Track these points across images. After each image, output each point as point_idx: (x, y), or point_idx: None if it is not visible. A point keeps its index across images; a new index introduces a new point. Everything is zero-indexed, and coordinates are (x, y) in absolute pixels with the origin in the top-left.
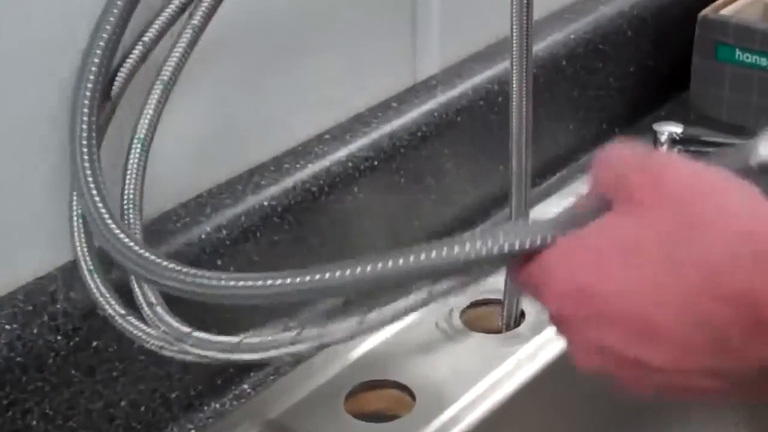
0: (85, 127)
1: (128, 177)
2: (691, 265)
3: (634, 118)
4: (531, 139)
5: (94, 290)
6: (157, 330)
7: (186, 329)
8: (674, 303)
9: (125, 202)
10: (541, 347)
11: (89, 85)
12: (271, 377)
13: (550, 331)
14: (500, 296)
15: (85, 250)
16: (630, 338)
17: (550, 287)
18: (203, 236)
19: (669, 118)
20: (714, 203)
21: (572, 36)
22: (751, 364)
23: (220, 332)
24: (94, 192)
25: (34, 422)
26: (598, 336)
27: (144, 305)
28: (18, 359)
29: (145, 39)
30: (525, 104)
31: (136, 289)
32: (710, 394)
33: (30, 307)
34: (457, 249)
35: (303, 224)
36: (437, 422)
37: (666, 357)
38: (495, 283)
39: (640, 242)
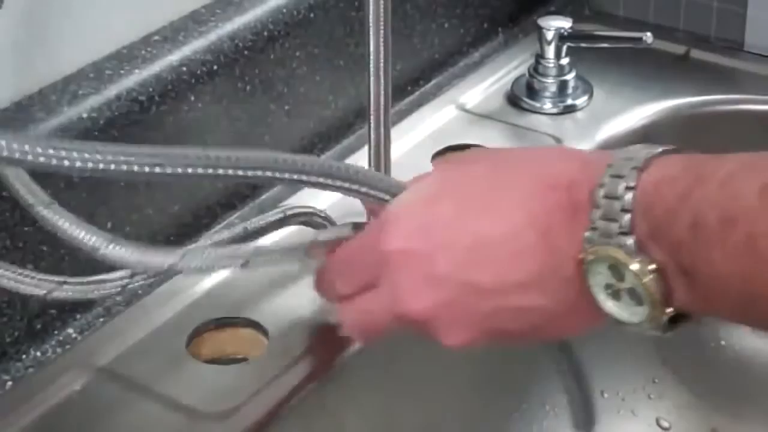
0: None
1: None
2: (517, 174)
3: (519, 14)
4: (390, 41)
5: None
6: None
7: None
8: (504, 213)
9: None
10: None
11: None
12: (101, 319)
13: None
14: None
15: None
16: (462, 262)
17: (398, 226)
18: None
19: (560, 13)
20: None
21: None
22: (565, 255)
23: None
24: None
25: None
26: (431, 268)
27: None
28: None
29: None
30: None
31: None
32: (537, 319)
33: None
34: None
35: (130, 139)
36: (292, 363)
37: (497, 272)
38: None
39: (468, 178)
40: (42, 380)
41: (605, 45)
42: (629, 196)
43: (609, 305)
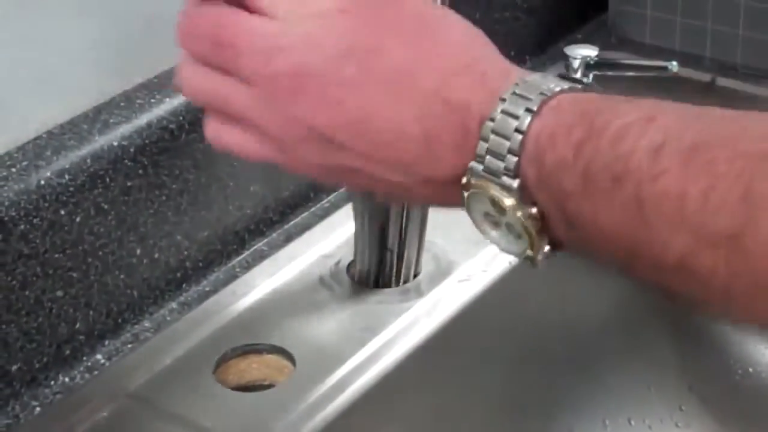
0: None
1: None
2: (429, 70)
3: (546, 43)
4: None
5: None
6: None
7: None
8: (400, 103)
9: None
10: (439, 302)
11: None
12: (129, 345)
13: (450, 283)
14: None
15: None
16: (345, 119)
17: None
18: (42, 182)
19: (587, 41)
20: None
21: None
22: (445, 168)
23: None
24: None
25: None
26: (320, 101)
27: None
28: None
29: None
30: None
31: None
32: (396, 191)
33: None
34: None
35: (160, 167)
36: (319, 391)
37: (371, 142)
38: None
39: (385, 45)
40: (70, 406)
41: (631, 73)
42: (518, 138)
43: (486, 229)
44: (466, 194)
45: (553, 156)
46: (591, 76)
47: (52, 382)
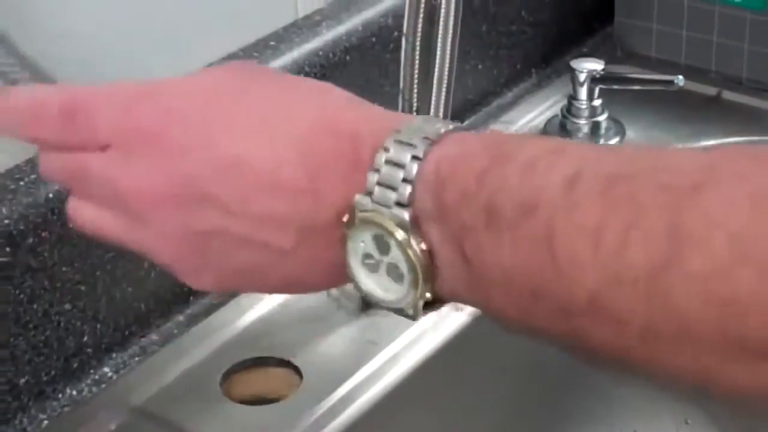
0: None
1: None
2: (311, 106)
3: (552, 56)
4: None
5: None
6: None
7: None
8: (275, 142)
9: None
10: (445, 316)
11: None
12: (136, 358)
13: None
14: None
15: None
16: (212, 172)
17: (160, 102)
18: (51, 195)
19: (592, 55)
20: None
21: None
22: (328, 207)
23: None
24: None
25: None
26: (178, 162)
27: None
28: None
29: None
30: (451, 38)
31: None
32: (271, 259)
33: None
34: None
35: None
36: (325, 405)
37: (244, 196)
38: None
39: (256, 91)
40: (78, 419)
41: (637, 87)
42: (414, 166)
43: (362, 276)
44: (347, 233)
45: (452, 185)
46: (597, 89)
47: (60, 395)
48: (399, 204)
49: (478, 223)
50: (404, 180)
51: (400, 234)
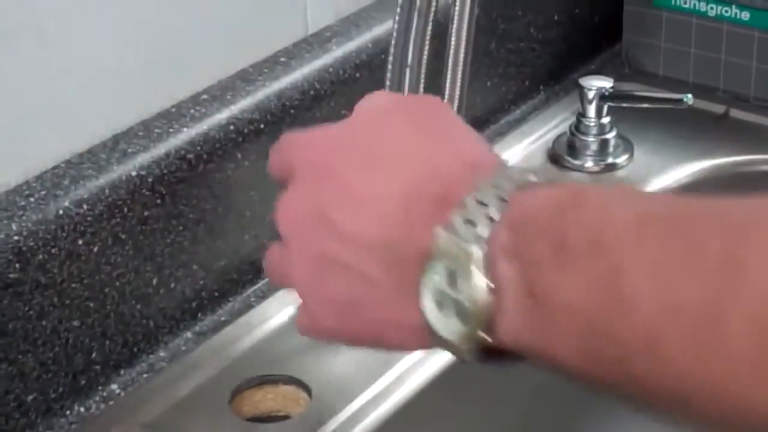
0: None
1: None
2: (414, 155)
3: (560, 73)
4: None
5: None
6: None
7: None
8: (388, 180)
9: None
10: None
11: None
12: (145, 375)
13: None
14: None
15: None
16: (334, 199)
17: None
18: (60, 212)
19: (601, 72)
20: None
21: None
22: (415, 240)
23: None
24: None
25: None
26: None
27: None
28: None
29: None
30: (464, 53)
31: None
32: (362, 291)
33: None
34: None
35: (177, 197)
36: (334, 422)
37: (357, 221)
38: None
39: (381, 133)
40: None
41: (646, 105)
42: (501, 205)
43: (429, 306)
44: (425, 264)
45: (534, 225)
46: (605, 107)
47: (68, 412)
48: (478, 239)
49: (546, 257)
50: (488, 217)
51: (472, 269)
